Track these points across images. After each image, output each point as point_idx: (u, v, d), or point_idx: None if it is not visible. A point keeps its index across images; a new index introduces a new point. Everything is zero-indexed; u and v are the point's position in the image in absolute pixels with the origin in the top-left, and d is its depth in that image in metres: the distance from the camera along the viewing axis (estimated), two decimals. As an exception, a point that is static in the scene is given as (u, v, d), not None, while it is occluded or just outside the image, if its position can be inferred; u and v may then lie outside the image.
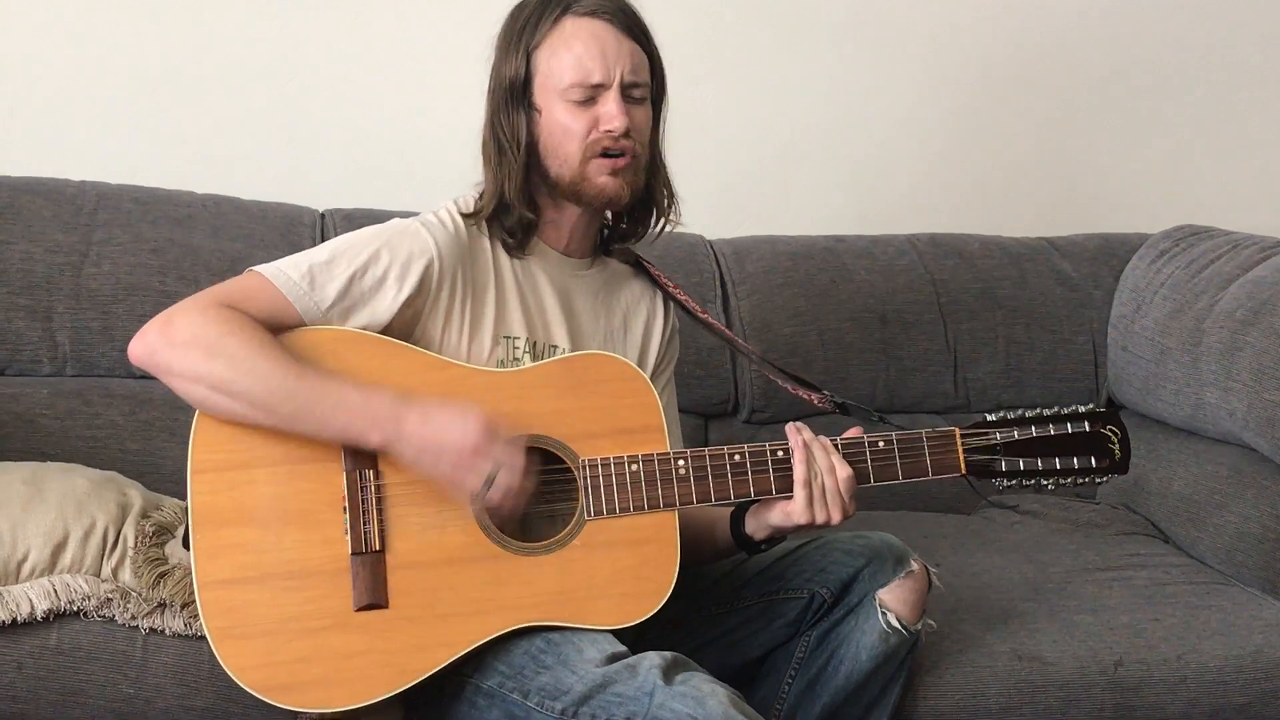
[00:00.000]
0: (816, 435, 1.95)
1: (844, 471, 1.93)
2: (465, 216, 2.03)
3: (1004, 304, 2.96)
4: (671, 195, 2.11)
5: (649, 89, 2.03)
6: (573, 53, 1.97)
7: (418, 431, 1.83)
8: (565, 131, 1.98)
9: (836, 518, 1.93)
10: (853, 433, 1.98)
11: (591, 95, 1.97)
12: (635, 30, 2.02)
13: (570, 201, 2.03)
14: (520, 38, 2.00)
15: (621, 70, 1.98)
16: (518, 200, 2.00)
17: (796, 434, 1.95)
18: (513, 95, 2.00)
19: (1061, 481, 2.01)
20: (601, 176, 1.99)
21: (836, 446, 1.95)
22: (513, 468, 1.84)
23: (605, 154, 1.98)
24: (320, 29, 3.02)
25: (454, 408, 1.84)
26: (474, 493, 1.84)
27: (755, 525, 2.00)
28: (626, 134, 1.97)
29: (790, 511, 1.94)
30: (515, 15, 2.03)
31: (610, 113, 1.97)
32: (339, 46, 3.03)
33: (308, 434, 1.84)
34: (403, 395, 1.85)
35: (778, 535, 2.01)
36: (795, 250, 2.91)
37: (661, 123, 2.09)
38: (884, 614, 2.00)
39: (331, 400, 1.83)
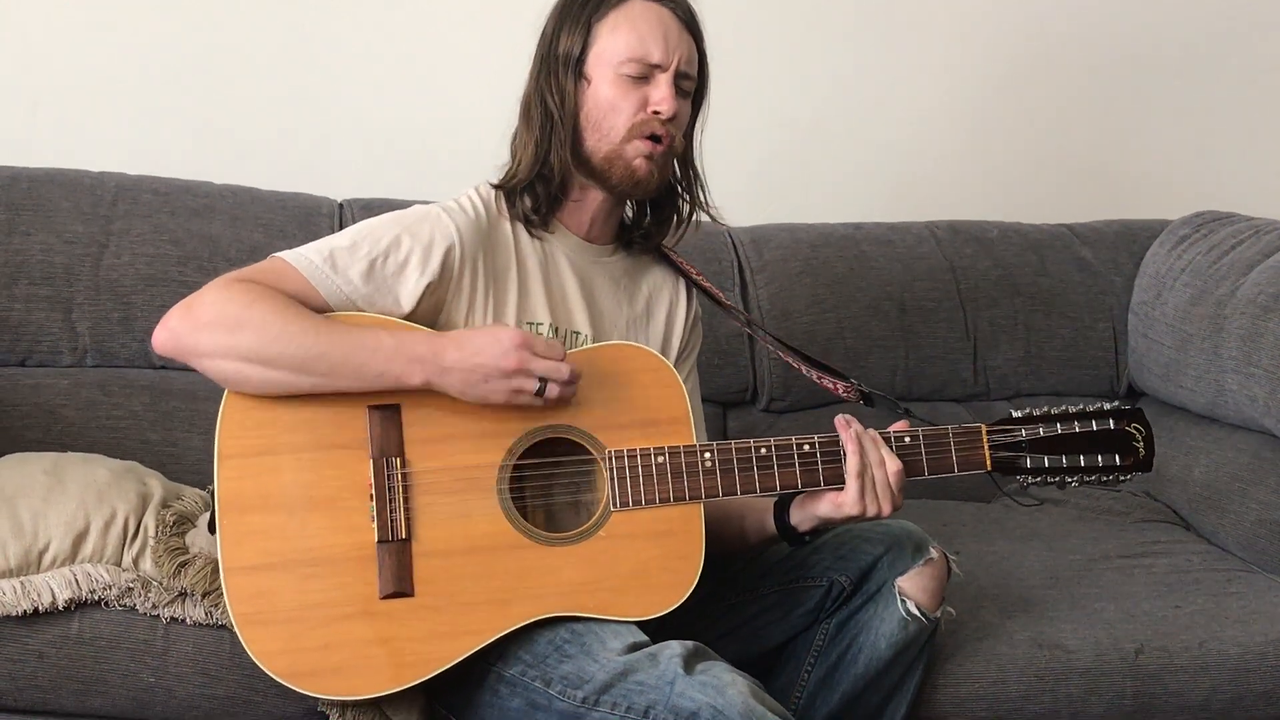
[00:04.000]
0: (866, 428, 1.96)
1: (894, 465, 1.93)
2: (495, 187, 2.04)
3: (1024, 291, 2.95)
4: (694, 205, 2.11)
5: (693, 86, 2.04)
6: (636, 30, 1.98)
7: (458, 360, 1.83)
8: (612, 106, 1.98)
9: (887, 510, 1.93)
10: (897, 426, 1.98)
11: (646, 74, 1.98)
12: (694, 28, 2.04)
13: (596, 182, 2.03)
14: (585, 8, 2.01)
15: (679, 57, 1.99)
16: (558, 167, 2.01)
17: (847, 426, 1.94)
18: (565, 62, 2.00)
19: (1086, 479, 2.01)
20: (638, 158, 1.99)
21: (888, 440, 1.95)
22: (557, 371, 1.86)
23: (648, 136, 1.98)
24: (338, 19, 3.02)
25: (487, 330, 1.87)
26: (532, 404, 1.86)
27: (801, 517, 2.00)
28: (671, 120, 1.98)
29: (841, 502, 1.93)
30: None
31: (661, 95, 1.97)
32: (357, 36, 3.03)
33: (347, 388, 1.84)
34: (434, 332, 1.87)
35: (823, 527, 2.00)
36: (814, 238, 2.90)
37: (698, 130, 2.09)
38: (903, 601, 2.00)
39: (367, 348, 1.83)
